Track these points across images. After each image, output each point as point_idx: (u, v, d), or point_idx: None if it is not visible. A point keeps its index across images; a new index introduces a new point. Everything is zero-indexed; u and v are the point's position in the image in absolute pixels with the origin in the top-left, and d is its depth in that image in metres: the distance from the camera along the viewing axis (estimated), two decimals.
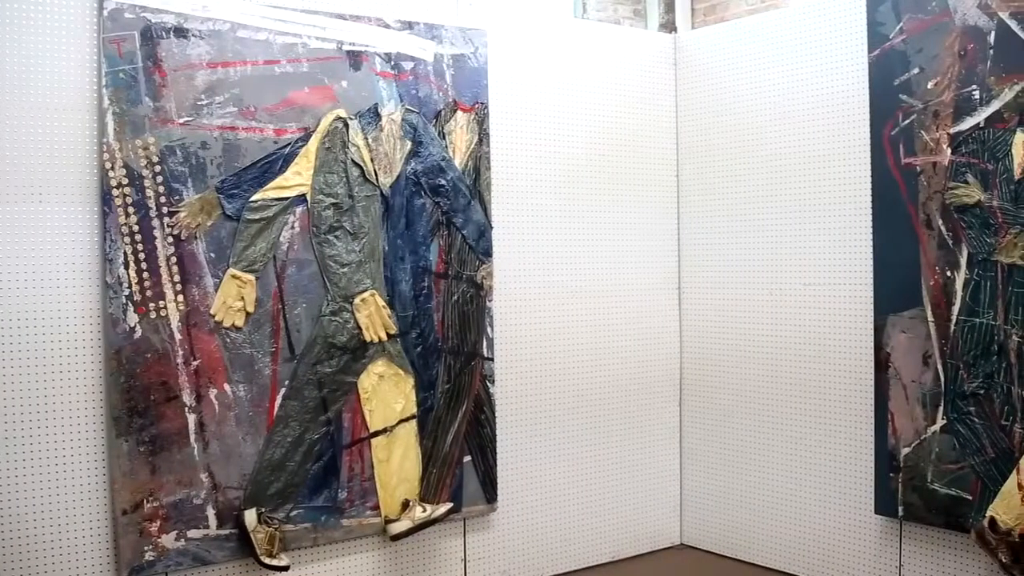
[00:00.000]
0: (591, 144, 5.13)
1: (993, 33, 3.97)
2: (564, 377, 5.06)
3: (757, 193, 5.04)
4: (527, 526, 4.94)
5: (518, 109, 4.87)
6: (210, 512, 4.01)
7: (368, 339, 4.35)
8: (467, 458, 4.66)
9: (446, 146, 4.55)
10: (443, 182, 4.53)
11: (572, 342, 5.08)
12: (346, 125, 4.27)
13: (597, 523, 5.18)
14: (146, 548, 3.86)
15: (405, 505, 4.44)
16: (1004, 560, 3.94)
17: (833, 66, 4.67)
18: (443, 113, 4.55)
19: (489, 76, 4.70)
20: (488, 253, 4.69)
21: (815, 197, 4.77)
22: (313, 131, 4.20)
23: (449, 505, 4.54)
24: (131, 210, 3.81)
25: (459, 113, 4.58)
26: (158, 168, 3.86)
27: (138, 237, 3.82)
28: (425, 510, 4.44)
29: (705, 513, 5.37)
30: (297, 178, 4.16)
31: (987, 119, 4.01)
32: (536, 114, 4.94)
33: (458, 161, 4.59)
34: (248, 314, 4.07)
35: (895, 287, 4.36)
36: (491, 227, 4.70)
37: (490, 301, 4.71)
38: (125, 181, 3.79)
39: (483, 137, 4.66)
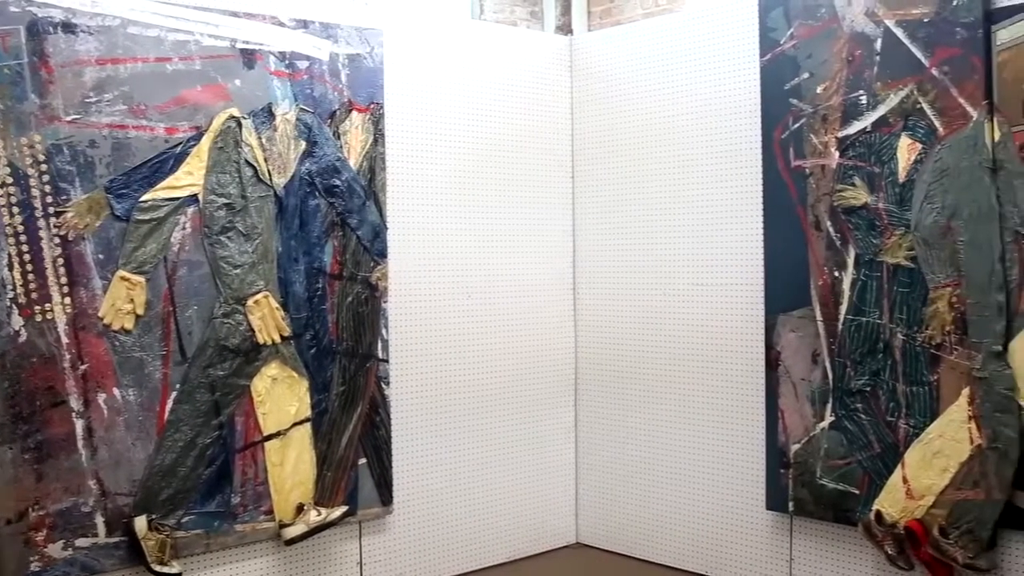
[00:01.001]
0: (487, 145, 5.13)
1: (880, 40, 4.08)
2: (460, 378, 5.05)
3: (651, 194, 5.10)
4: (423, 528, 4.92)
5: (414, 110, 4.85)
6: (99, 520, 3.91)
7: (261, 341, 4.29)
8: (362, 460, 4.62)
9: (341, 146, 4.51)
10: (338, 182, 4.49)
11: (467, 343, 5.08)
12: (239, 124, 4.20)
13: (493, 523, 5.19)
14: (32, 558, 3.75)
15: (299, 509, 4.39)
16: (890, 552, 4.06)
17: (726, 70, 4.75)
18: (338, 113, 4.50)
19: (385, 76, 4.67)
20: (383, 254, 4.66)
21: (708, 199, 4.84)
22: (205, 130, 4.12)
23: (344, 508, 4.50)
24: (15, 210, 3.69)
25: (354, 113, 4.54)
26: (44, 167, 3.75)
27: (23, 238, 3.71)
28: (320, 514, 4.40)
29: (601, 512, 5.41)
30: (189, 178, 4.08)
31: (874, 123, 4.12)
32: (432, 115, 4.92)
33: (353, 161, 4.55)
34: (138, 316, 3.98)
35: (785, 287, 4.45)
36: (386, 228, 4.67)
37: (385, 302, 4.68)
38: (9, 180, 3.67)
39: (378, 137, 4.63)
